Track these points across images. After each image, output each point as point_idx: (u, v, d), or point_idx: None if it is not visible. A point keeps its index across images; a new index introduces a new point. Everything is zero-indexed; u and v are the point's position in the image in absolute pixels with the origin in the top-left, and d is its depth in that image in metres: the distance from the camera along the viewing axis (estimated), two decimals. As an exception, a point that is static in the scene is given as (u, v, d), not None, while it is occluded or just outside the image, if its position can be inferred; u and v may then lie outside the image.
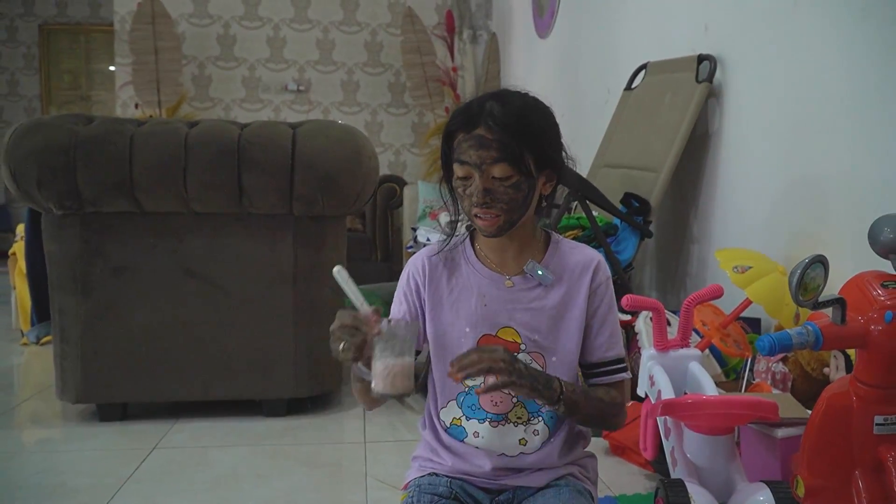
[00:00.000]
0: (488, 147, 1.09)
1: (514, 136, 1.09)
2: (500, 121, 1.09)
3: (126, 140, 2.16)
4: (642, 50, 3.14)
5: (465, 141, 1.10)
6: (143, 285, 2.26)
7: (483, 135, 1.09)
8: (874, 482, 1.14)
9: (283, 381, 2.33)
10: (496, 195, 1.10)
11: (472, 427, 1.18)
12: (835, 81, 1.99)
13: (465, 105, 1.15)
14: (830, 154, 2.02)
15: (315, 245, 2.33)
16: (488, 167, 1.09)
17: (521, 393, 1.09)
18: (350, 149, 2.29)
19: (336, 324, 1.04)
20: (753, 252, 2.14)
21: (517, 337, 1.16)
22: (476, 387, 1.18)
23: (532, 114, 1.12)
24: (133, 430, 2.25)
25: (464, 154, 1.10)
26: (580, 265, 1.19)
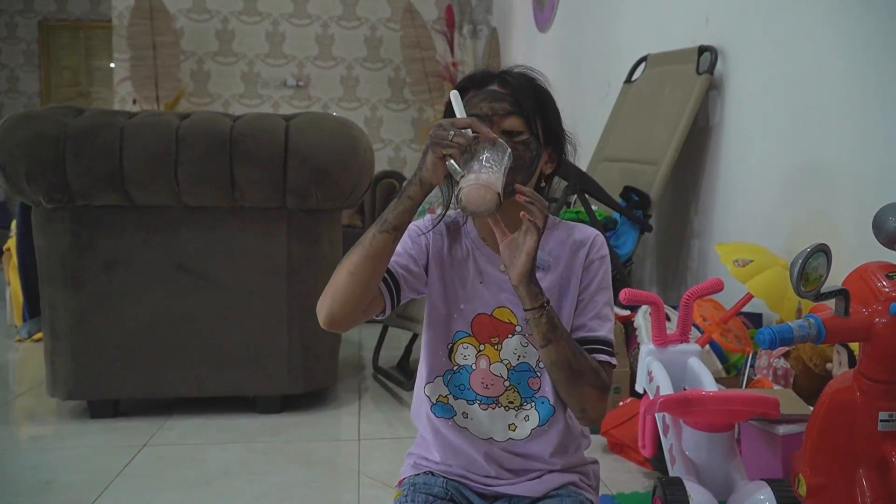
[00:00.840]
0: (501, 99, 1.06)
1: (528, 95, 1.08)
2: (515, 79, 1.08)
3: (116, 132, 2.12)
4: (642, 42, 3.11)
5: (476, 96, 1.08)
6: (135, 280, 2.23)
7: (496, 89, 1.08)
8: (878, 480, 1.11)
9: (277, 378, 2.29)
10: None
11: (460, 407, 1.14)
12: (836, 72, 1.96)
13: (475, 71, 1.14)
14: (832, 145, 1.98)
15: (309, 239, 2.29)
16: (500, 118, 1.06)
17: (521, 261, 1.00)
18: (345, 141, 2.25)
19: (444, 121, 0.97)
20: (754, 245, 2.10)
21: (513, 318, 1.13)
22: (468, 367, 1.14)
23: (543, 87, 1.12)
24: (124, 427, 2.22)
25: (474, 108, 1.06)
26: (577, 243, 1.14)
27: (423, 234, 1.16)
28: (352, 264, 1.02)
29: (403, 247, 1.15)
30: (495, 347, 1.13)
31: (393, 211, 1.01)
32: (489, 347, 1.13)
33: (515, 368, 1.13)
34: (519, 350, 1.12)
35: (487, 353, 1.13)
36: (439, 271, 1.16)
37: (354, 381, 2.73)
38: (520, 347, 1.12)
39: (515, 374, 1.13)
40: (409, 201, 1.01)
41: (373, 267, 1.02)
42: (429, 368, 1.17)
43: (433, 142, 0.98)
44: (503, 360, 1.13)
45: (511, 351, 1.12)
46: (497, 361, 1.13)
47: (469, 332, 1.14)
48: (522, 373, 1.14)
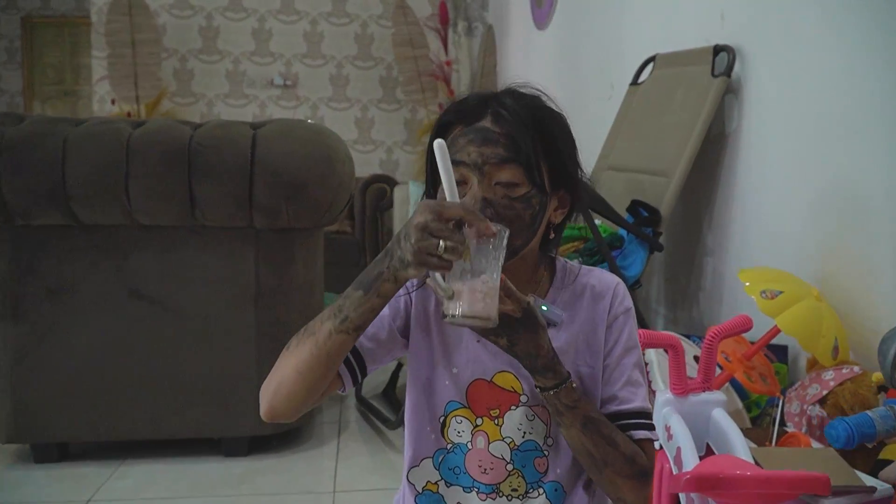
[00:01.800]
0: (494, 142, 0.85)
1: (530, 134, 0.84)
2: (513, 112, 0.86)
3: (59, 143, 1.88)
4: (650, 41, 2.87)
5: (463, 135, 0.86)
6: (83, 308, 1.99)
7: (488, 127, 0.86)
8: None
9: (244, 417, 2.05)
10: (498, 209, 0.85)
11: (453, 497, 0.94)
12: (871, 74, 1.72)
13: (461, 97, 0.90)
14: (868, 156, 1.75)
15: (280, 262, 2.05)
16: (492, 169, 0.85)
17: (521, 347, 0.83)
18: (320, 152, 2.01)
19: (429, 215, 0.75)
20: (782, 273, 1.86)
21: (517, 385, 0.93)
22: (462, 446, 0.94)
23: (552, 116, 0.88)
24: (72, 475, 1.98)
25: (460, 151, 0.85)
26: (596, 294, 0.97)
27: (404, 295, 0.96)
28: (300, 362, 0.84)
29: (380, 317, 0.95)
30: (495, 422, 0.94)
31: (357, 309, 0.82)
32: (488, 422, 0.94)
33: (520, 448, 0.94)
34: (524, 425, 0.93)
35: (486, 428, 0.94)
36: (423, 333, 0.96)
37: (335, 411, 2.49)
38: (525, 422, 0.93)
39: (520, 454, 0.94)
40: (378, 300, 0.82)
41: (325, 366, 0.85)
42: (414, 449, 0.97)
43: (418, 257, 0.76)
44: (505, 438, 0.94)
45: (514, 426, 0.93)
46: (498, 440, 0.94)
47: (464, 402, 0.94)
48: (528, 452, 0.94)
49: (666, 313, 2.75)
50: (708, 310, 2.44)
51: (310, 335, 0.86)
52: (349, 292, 0.84)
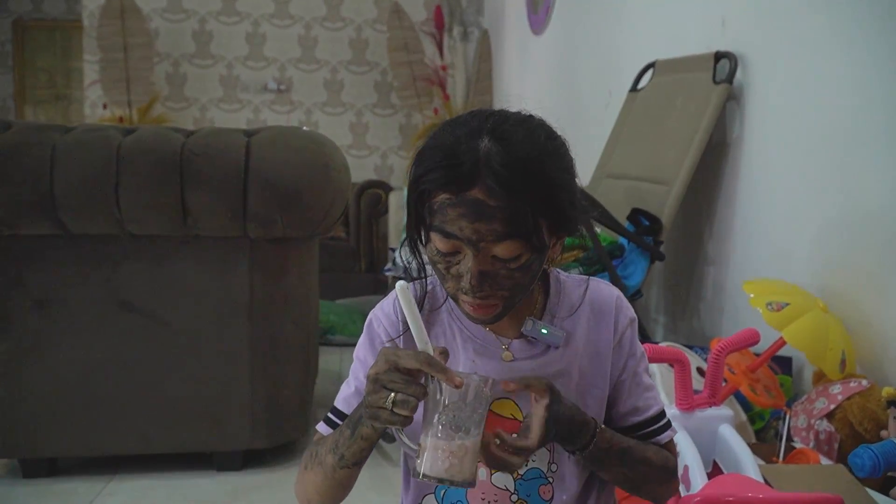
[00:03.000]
0: (490, 218, 0.75)
1: (527, 201, 0.75)
2: (507, 178, 0.75)
3: (47, 150, 1.82)
4: (649, 46, 2.84)
5: (451, 206, 0.76)
6: (72, 320, 1.93)
7: (482, 200, 0.75)
8: None
9: (237, 431, 2.00)
10: (497, 280, 0.79)
11: None
12: (878, 83, 1.70)
13: (444, 145, 0.77)
14: (876, 167, 1.71)
15: (275, 272, 2.00)
16: (489, 245, 0.76)
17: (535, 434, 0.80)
18: (315, 160, 1.97)
19: (382, 366, 0.74)
20: (788, 284, 1.83)
21: (517, 412, 0.89)
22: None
23: (547, 159, 0.78)
24: (61, 490, 1.92)
25: (450, 224, 0.76)
26: (597, 309, 0.93)
27: (389, 336, 0.92)
28: (318, 486, 0.88)
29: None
30: None
31: (349, 448, 0.82)
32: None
33: (524, 477, 0.90)
34: None
35: None
36: None
37: (330, 424, 2.44)
38: None
39: (524, 483, 0.90)
40: (364, 441, 0.81)
41: (342, 488, 0.88)
42: (413, 486, 0.93)
43: (369, 410, 0.75)
44: None
45: None
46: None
47: None
48: (532, 481, 0.90)
49: (666, 323, 2.72)
50: (709, 320, 2.40)
51: (318, 464, 0.87)
52: (342, 428, 0.84)
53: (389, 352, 0.75)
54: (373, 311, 0.95)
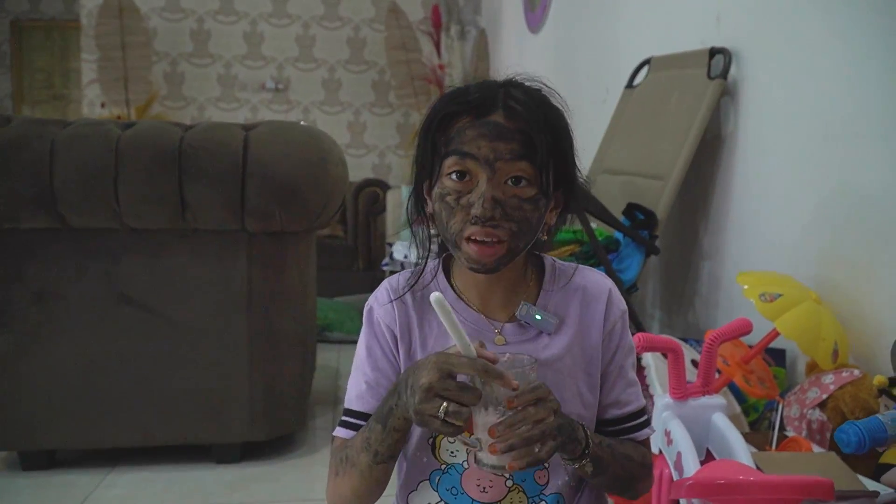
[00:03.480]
0: (508, 138, 0.80)
1: (541, 131, 0.80)
2: (525, 106, 0.81)
3: (46, 145, 1.84)
4: (645, 43, 2.86)
5: (472, 127, 0.81)
6: (71, 313, 1.95)
7: (501, 122, 0.80)
8: None
9: (236, 424, 2.02)
10: (507, 209, 0.81)
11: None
12: (872, 77, 1.71)
13: (462, 87, 0.84)
14: (869, 161, 1.73)
15: (273, 266, 2.02)
16: (505, 165, 0.80)
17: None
18: (313, 154, 1.98)
19: (435, 375, 0.73)
20: (781, 276, 1.85)
21: None
22: (458, 466, 0.90)
23: (557, 113, 0.84)
24: (60, 482, 1.94)
25: (469, 143, 0.80)
26: (588, 296, 0.94)
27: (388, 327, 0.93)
28: (355, 487, 0.87)
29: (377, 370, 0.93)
30: None
31: (382, 443, 0.82)
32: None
33: None
34: None
35: None
36: (413, 353, 0.92)
37: (328, 418, 2.45)
38: None
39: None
40: (396, 434, 0.82)
41: (379, 484, 0.88)
42: (406, 473, 0.93)
43: (420, 417, 0.75)
44: None
45: None
46: None
47: None
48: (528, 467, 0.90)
49: (662, 317, 2.73)
50: (704, 314, 2.42)
51: (351, 466, 0.87)
52: (371, 425, 0.84)
53: (442, 360, 0.75)
54: (368, 300, 0.96)
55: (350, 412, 0.92)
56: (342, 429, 0.92)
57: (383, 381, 0.91)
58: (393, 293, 0.93)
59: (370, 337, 0.93)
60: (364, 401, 0.91)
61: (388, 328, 0.92)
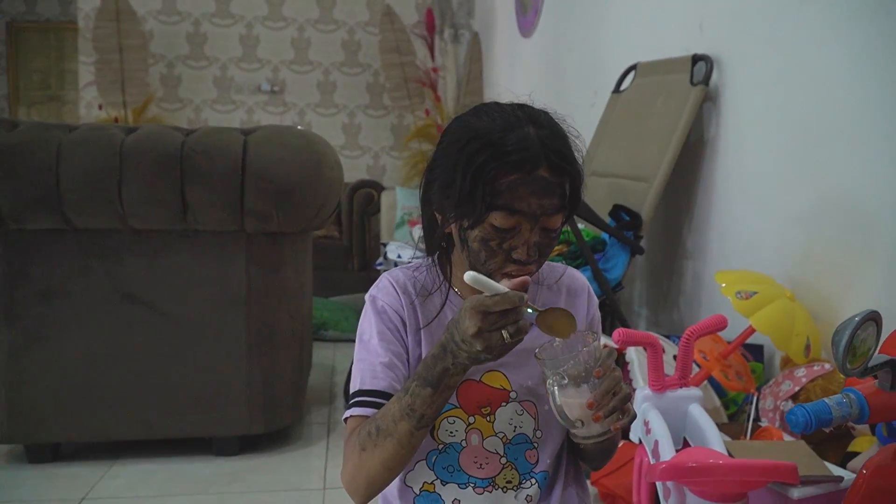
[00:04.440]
0: (551, 194, 0.87)
1: (572, 176, 0.90)
2: (562, 157, 0.88)
3: (52, 148, 1.91)
4: (632, 49, 2.93)
5: (523, 184, 0.86)
6: (76, 311, 2.01)
7: (547, 178, 0.87)
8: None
9: (235, 417, 2.09)
10: (541, 249, 0.90)
11: (450, 494, 0.97)
12: (846, 84, 1.79)
13: (495, 134, 0.88)
14: (844, 165, 1.81)
15: (271, 265, 2.09)
16: (547, 219, 0.88)
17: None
18: (309, 158, 2.05)
19: (478, 319, 0.79)
20: (758, 274, 1.93)
21: (506, 383, 0.98)
22: (456, 445, 0.97)
23: (570, 139, 0.92)
24: (65, 474, 2.00)
25: (519, 201, 0.86)
26: (571, 291, 1.05)
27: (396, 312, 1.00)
28: (388, 459, 0.89)
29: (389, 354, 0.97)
30: (487, 419, 0.98)
31: (431, 405, 0.87)
32: (480, 419, 0.98)
33: (512, 441, 0.99)
34: (515, 420, 0.98)
35: (479, 426, 0.98)
36: (414, 342, 0.99)
37: (324, 412, 2.53)
38: (515, 417, 0.98)
39: (512, 447, 0.99)
40: (448, 391, 0.87)
41: (412, 455, 0.92)
42: None
43: (492, 352, 0.81)
44: (498, 434, 0.98)
45: (506, 422, 0.98)
46: (491, 435, 0.98)
47: (455, 402, 0.97)
48: (519, 445, 0.99)
49: (648, 315, 2.81)
50: (688, 312, 2.50)
51: (385, 436, 0.88)
52: (416, 391, 0.87)
53: (476, 304, 0.79)
54: (370, 292, 1.02)
55: (364, 392, 0.95)
56: (358, 408, 0.94)
57: (397, 361, 0.96)
58: (396, 285, 0.99)
59: (379, 323, 0.98)
60: (379, 380, 0.95)
61: (395, 313, 0.98)
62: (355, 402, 0.96)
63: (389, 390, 0.94)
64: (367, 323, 0.99)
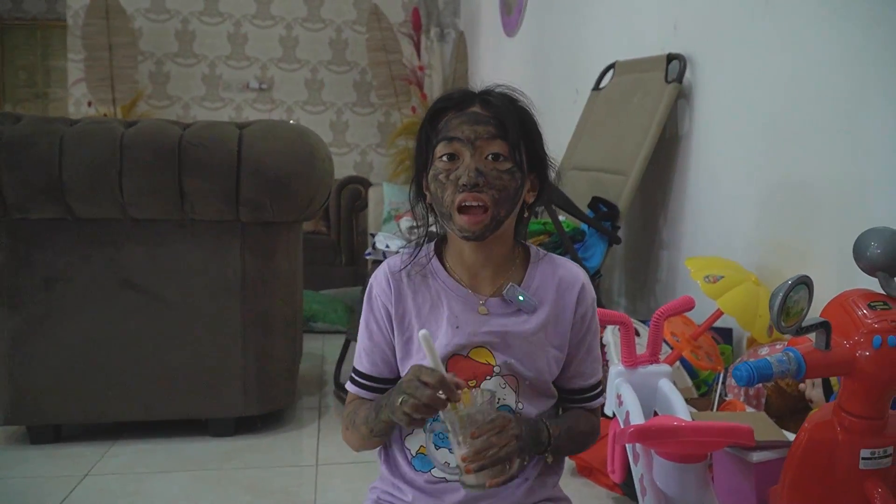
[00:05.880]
0: (485, 122, 0.99)
1: (512, 119, 1.00)
2: (498, 100, 1.01)
3: (55, 141, 1.99)
4: (611, 48, 3.05)
5: (456, 117, 1.00)
6: (77, 297, 2.09)
7: (479, 111, 1.00)
8: (860, 521, 1.04)
9: (230, 399, 2.18)
10: (489, 178, 0.98)
11: (442, 456, 1.06)
12: (810, 83, 1.91)
13: (450, 91, 1.05)
14: (808, 159, 1.93)
15: (265, 253, 2.18)
16: (484, 143, 0.98)
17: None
18: (302, 151, 2.15)
19: (409, 375, 0.94)
20: (725, 261, 2.05)
21: (491, 358, 1.05)
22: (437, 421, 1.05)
23: (525, 109, 1.04)
24: (67, 454, 2.08)
25: (454, 130, 0.99)
26: (565, 283, 1.09)
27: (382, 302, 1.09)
28: (362, 444, 1.10)
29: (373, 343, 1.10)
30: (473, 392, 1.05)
31: (375, 426, 1.04)
32: (467, 392, 1.04)
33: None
34: (498, 392, 1.05)
35: (466, 398, 1.03)
36: (408, 322, 1.08)
37: (315, 398, 2.62)
38: (499, 389, 1.05)
39: None
40: (384, 424, 1.02)
41: (380, 444, 1.10)
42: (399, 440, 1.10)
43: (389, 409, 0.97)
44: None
45: None
46: None
47: None
48: None
49: (626, 304, 2.93)
50: (663, 297, 2.62)
51: (355, 429, 1.08)
52: (374, 412, 1.03)
53: (416, 368, 0.94)
54: (373, 276, 1.12)
55: (355, 371, 1.12)
56: (351, 384, 1.12)
57: (376, 350, 1.09)
58: (391, 273, 1.09)
59: (368, 312, 1.10)
60: (363, 363, 1.11)
61: (383, 306, 1.07)
62: (351, 378, 1.12)
63: (368, 372, 1.10)
64: (365, 307, 1.11)
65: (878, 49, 1.66)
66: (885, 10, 1.65)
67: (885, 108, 1.64)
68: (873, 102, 1.67)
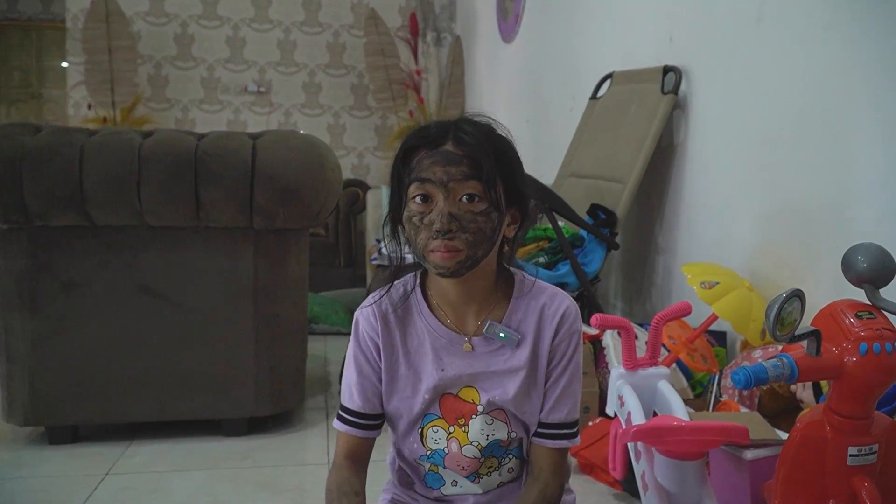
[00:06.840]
0: (457, 163, 0.94)
1: (487, 156, 0.95)
2: (472, 136, 0.96)
3: (76, 151, 2.06)
4: (607, 59, 3.13)
5: (428, 157, 0.95)
6: (95, 302, 2.16)
7: (451, 150, 0.95)
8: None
9: (243, 400, 2.25)
10: (463, 222, 0.94)
11: (449, 476, 1.11)
12: (800, 96, 2.00)
13: (424, 125, 1.02)
14: (797, 170, 2.02)
15: (276, 259, 2.26)
16: (457, 185, 0.94)
17: None
18: (312, 160, 2.22)
19: None
20: (720, 267, 2.14)
21: (476, 397, 1.07)
22: (440, 452, 1.09)
23: (503, 141, 1.01)
24: (85, 454, 2.15)
25: (426, 171, 0.94)
26: (548, 312, 1.06)
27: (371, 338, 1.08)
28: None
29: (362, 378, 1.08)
30: (462, 429, 1.08)
31: None
32: (458, 429, 1.08)
33: (486, 447, 1.09)
34: (486, 429, 1.07)
35: (457, 435, 1.08)
36: (396, 361, 1.08)
37: (321, 398, 2.70)
38: (486, 427, 1.07)
39: (487, 450, 1.10)
40: None
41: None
42: (409, 450, 1.12)
43: None
44: (472, 443, 1.08)
45: (478, 432, 1.08)
46: (467, 444, 1.08)
47: (438, 413, 1.08)
48: (493, 446, 1.10)
49: (623, 307, 3.02)
50: (659, 302, 2.71)
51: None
52: None
53: None
54: (358, 310, 1.09)
55: (344, 408, 1.09)
56: (338, 422, 1.09)
57: (367, 384, 1.07)
58: (376, 310, 1.06)
59: (355, 347, 1.08)
60: (354, 400, 1.08)
61: (371, 339, 1.07)
62: (338, 415, 1.10)
63: (356, 409, 1.08)
64: (352, 341, 1.09)
65: (868, 62, 1.75)
66: (875, 26, 1.74)
67: (874, 122, 1.73)
68: (863, 116, 1.76)
